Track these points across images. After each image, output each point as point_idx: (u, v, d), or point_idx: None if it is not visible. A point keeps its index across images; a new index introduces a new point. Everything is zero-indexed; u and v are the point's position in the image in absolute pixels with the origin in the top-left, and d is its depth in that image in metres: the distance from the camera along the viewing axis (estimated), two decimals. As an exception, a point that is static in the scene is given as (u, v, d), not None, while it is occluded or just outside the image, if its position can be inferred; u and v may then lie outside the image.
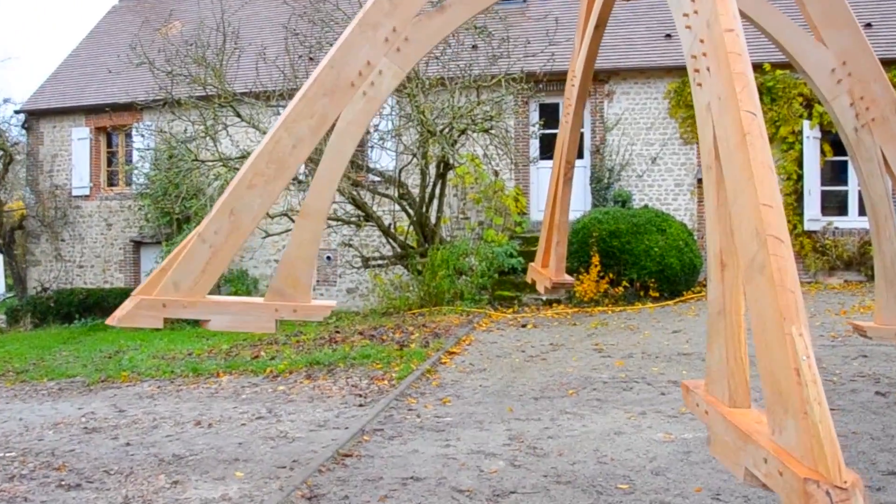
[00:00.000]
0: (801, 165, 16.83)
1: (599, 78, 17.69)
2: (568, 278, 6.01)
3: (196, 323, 4.34)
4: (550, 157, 17.44)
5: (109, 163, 22.17)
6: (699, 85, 2.99)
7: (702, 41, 2.95)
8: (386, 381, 10.01)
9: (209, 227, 4.00)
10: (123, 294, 12.10)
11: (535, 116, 18.12)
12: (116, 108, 20.04)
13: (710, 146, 2.88)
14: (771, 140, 16.94)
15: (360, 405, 9.02)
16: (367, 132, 16.79)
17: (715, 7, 2.87)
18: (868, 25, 17.19)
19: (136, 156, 19.81)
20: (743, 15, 4.45)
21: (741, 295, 2.77)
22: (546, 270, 6.15)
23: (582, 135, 18.31)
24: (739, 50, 2.75)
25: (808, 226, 16.78)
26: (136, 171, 18.87)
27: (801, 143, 16.71)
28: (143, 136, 19.03)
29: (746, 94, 2.67)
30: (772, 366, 2.37)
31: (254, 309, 4.14)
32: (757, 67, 16.74)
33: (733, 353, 2.85)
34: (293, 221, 16.00)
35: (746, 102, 2.65)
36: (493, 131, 15.74)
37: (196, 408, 9.44)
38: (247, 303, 4.26)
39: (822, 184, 16.88)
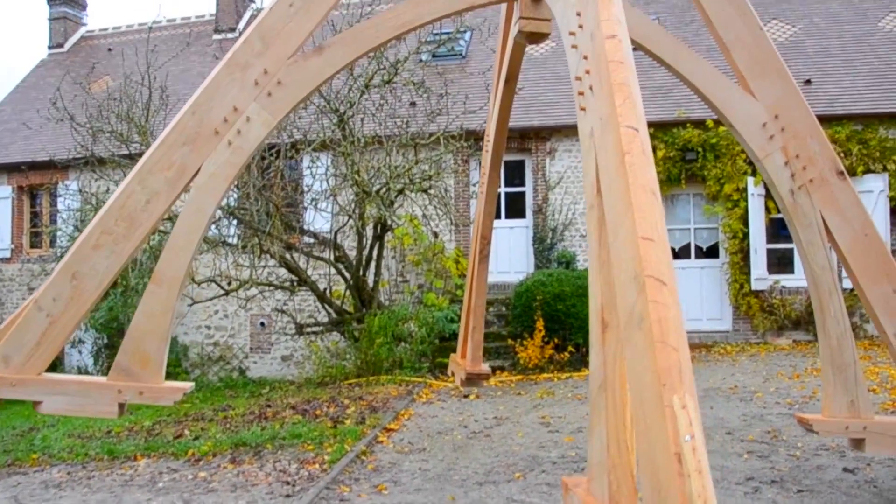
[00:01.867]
0: (746, 223, 16.55)
1: (541, 135, 17.37)
2: (485, 369, 5.43)
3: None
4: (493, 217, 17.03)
5: (33, 223, 21.29)
6: (583, 109, 2.49)
7: (585, 57, 2.46)
8: (317, 465, 9.23)
9: (47, 294, 3.44)
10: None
11: (475, 175, 17.69)
12: (38, 166, 19.29)
13: (592, 180, 2.37)
14: (715, 198, 16.80)
15: (288, 495, 8.24)
16: (301, 192, 16.22)
17: (598, 14, 2.37)
18: (808, 82, 17.13)
19: (59, 216, 19.05)
20: (661, 61, 3.99)
21: (625, 362, 2.15)
22: (464, 360, 5.57)
23: (523, 194, 17.91)
24: (622, 58, 2.25)
25: (755, 285, 16.44)
26: (59, 232, 18.08)
27: (746, 201, 16.44)
28: (63, 196, 18.29)
29: (628, 107, 2.17)
30: (650, 450, 1.76)
31: (94, 390, 3.53)
32: (699, 124, 16.54)
33: (616, 439, 2.21)
34: (222, 288, 15.32)
35: (627, 117, 2.15)
36: (431, 191, 15.24)
37: (105, 500, 8.61)
38: (86, 382, 3.66)
39: (768, 241, 16.59)
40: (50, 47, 25.91)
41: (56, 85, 18.91)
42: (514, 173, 18.02)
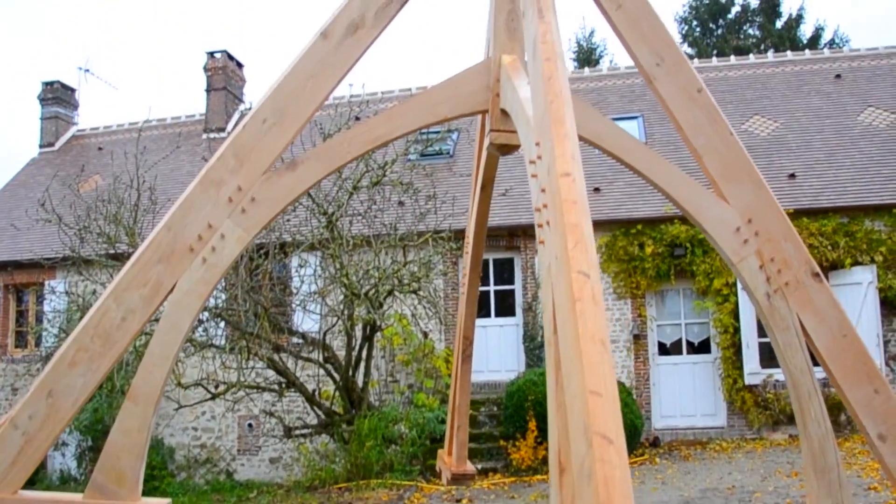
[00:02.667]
0: (737, 318, 16.53)
1: (530, 233, 17.44)
2: (470, 468, 5.33)
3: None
4: (483, 315, 16.97)
5: (19, 323, 21.13)
6: (542, 243, 2.49)
7: (543, 190, 2.47)
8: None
9: (23, 412, 3.42)
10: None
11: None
12: (25, 265, 19.27)
13: (550, 316, 2.34)
14: (705, 293, 16.82)
15: None
16: (290, 293, 16.19)
17: (553, 149, 2.38)
18: (791, 176, 17.36)
19: (45, 317, 18.94)
20: (634, 170, 4.02)
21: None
22: (450, 459, 5.48)
23: (513, 291, 17.92)
24: (575, 197, 2.24)
25: (748, 380, 16.32)
26: (45, 333, 17.94)
27: (736, 295, 16.45)
28: (49, 297, 18.22)
29: (580, 250, 2.15)
30: None
31: (68, 508, 3.47)
32: (687, 220, 16.64)
33: None
34: (208, 392, 15.14)
35: (579, 261, 2.13)
36: (420, 292, 15.22)
37: None
38: (63, 502, 3.58)
39: (760, 335, 16.54)
40: (41, 146, 26.13)
41: (45, 184, 19.07)
42: (504, 271, 18.07)
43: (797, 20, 34.89)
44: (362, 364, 15.75)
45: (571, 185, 2.28)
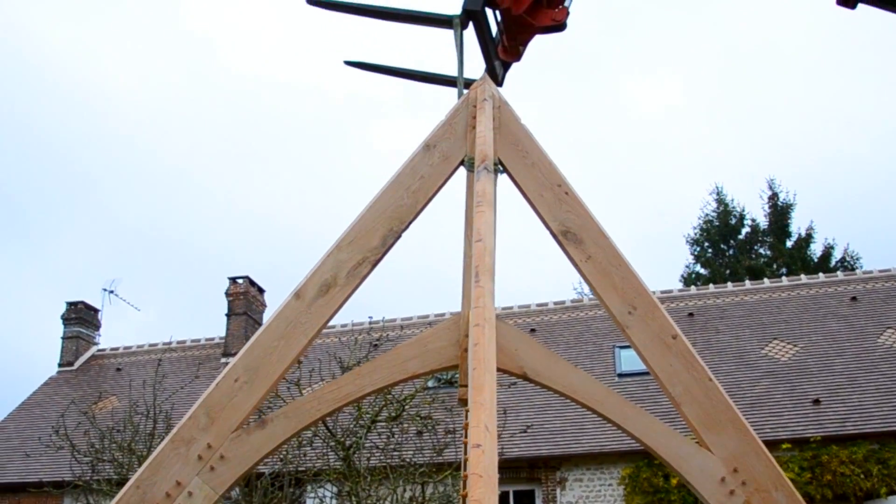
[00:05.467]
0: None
1: (551, 464, 17.12)
2: None
3: None
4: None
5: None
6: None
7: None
8: None
9: None
10: None
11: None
12: (33, 487, 18.88)
13: None
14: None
15: None
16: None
17: (470, 416, 2.41)
18: (816, 401, 17.09)
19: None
20: (610, 421, 3.97)
21: None
22: None
23: (536, 528, 17.34)
24: (482, 471, 2.23)
25: None
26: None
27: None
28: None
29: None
30: None
31: None
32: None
33: None
34: None
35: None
36: (441, 529, 14.71)
37: None
38: None
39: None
40: (60, 365, 26.22)
41: (62, 403, 19.05)
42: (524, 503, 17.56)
43: (807, 240, 35.48)
44: None
45: (480, 458, 2.27)
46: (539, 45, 5.63)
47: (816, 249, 35.31)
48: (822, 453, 16.06)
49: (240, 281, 25.58)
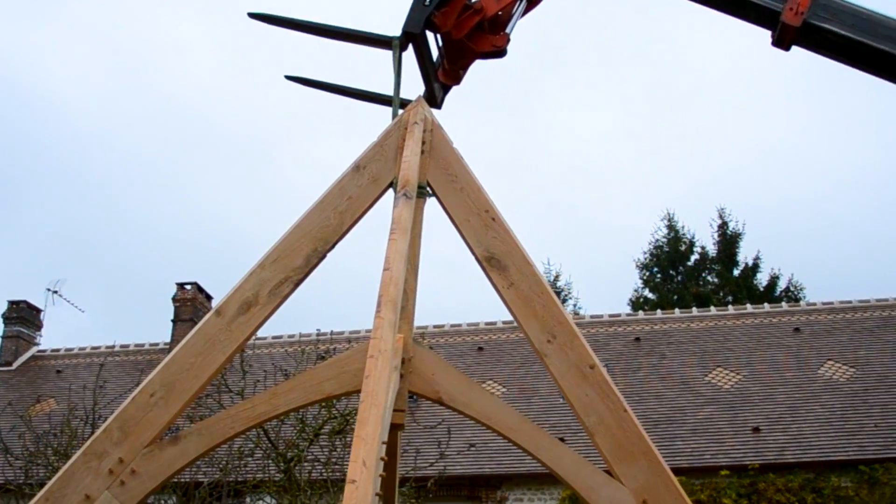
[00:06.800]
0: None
1: (492, 484, 17.15)
2: None
3: None
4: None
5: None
6: None
7: None
8: None
9: None
10: None
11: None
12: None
13: None
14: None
15: None
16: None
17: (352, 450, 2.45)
18: (756, 429, 17.31)
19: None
20: (523, 449, 4.01)
21: None
22: None
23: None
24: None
25: None
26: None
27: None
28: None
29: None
30: None
31: None
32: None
33: None
34: None
35: None
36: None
37: None
38: None
39: None
40: (-2, 364, 25.79)
41: (-2, 404, 18.57)
42: (465, 522, 17.58)
43: (754, 269, 35.99)
44: None
45: (353, 494, 2.29)
46: (480, 71, 5.70)
47: (762, 279, 35.83)
48: (759, 481, 16.28)
49: (188, 287, 25.33)
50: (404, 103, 4.57)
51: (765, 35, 6.48)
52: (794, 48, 6.26)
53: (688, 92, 60.53)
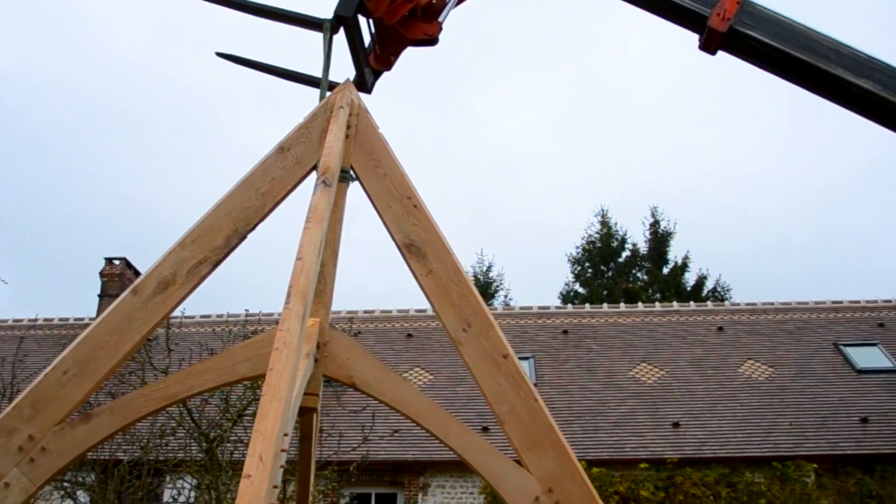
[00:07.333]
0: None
1: (415, 469, 17.22)
2: None
3: None
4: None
5: None
6: None
7: None
8: None
9: None
10: None
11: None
12: None
13: None
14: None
15: None
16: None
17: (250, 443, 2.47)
18: (676, 425, 17.69)
19: None
20: (434, 435, 4.08)
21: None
22: None
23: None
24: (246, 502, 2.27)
25: None
26: None
27: (618, 543, 16.27)
28: None
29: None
30: None
31: None
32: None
33: None
34: None
35: None
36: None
37: None
38: None
39: None
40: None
41: None
42: (386, 508, 17.66)
43: (682, 268, 36.69)
44: None
45: (247, 489, 2.32)
46: (418, 62, 5.74)
47: (690, 278, 36.53)
48: (677, 474, 16.64)
49: (116, 262, 24.90)
50: (333, 86, 4.56)
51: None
52: (721, 54, 6.43)
53: (625, 93, 61.33)
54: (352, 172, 4.13)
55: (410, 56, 5.73)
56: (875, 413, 17.94)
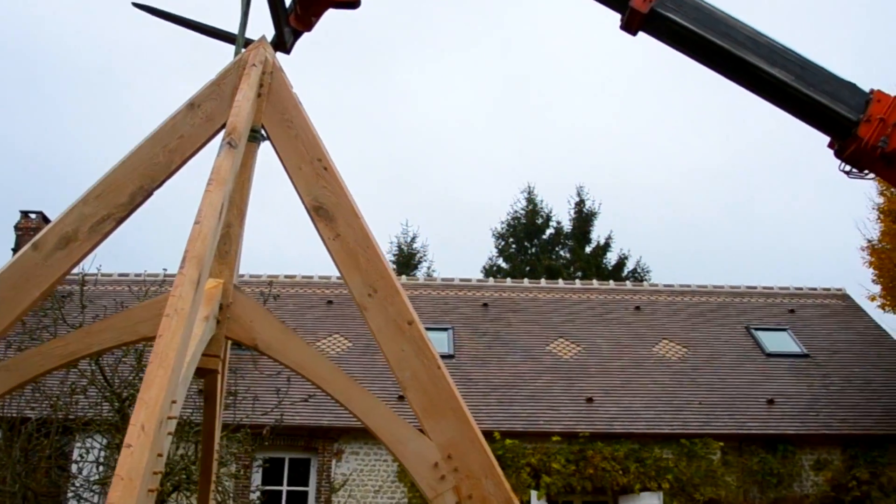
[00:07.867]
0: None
1: (330, 435, 17.24)
2: None
3: None
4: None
5: None
6: None
7: None
8: None
9: None
10: None
11: (256, 478, 17.09)
12: None
13: None
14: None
15: None
16: (68, 478, 15.15)
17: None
18: (589, 400, 17.99)
19: None
20: (336, 400, 4.10)
21: None
22: None
23: (306, 494, 17.45)
24: (122, 473, 2.26)
25: None
26: None
27: (529, 514, 16.56)
28: None
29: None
30: None
31: None
32: (488, 435, 16.81)
33: None
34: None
35: None
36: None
37: None
38: None
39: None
40: None
41: None
42: (299, 472, 17.62)
43: (605, 248, 37.25)
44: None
45: (127, 458, 2.31)
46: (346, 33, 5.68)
47: (612, 258, 37.09)
48: (588, 448, 16.99)
49: (32, 216, 24.23)
50: (249, 44, 4.49)
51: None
52: (641, 35, 6.52)
53: (556, 73, 61.65)
54: (263, 132, 4.08)
55: (340, 25, 5.69)
56: (781, 395, 18.55)
